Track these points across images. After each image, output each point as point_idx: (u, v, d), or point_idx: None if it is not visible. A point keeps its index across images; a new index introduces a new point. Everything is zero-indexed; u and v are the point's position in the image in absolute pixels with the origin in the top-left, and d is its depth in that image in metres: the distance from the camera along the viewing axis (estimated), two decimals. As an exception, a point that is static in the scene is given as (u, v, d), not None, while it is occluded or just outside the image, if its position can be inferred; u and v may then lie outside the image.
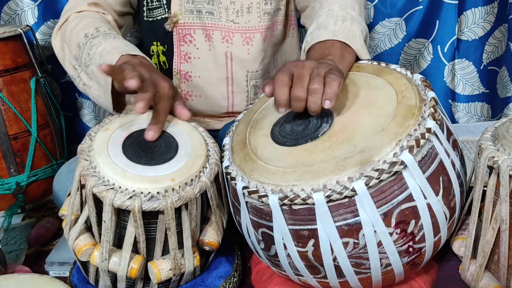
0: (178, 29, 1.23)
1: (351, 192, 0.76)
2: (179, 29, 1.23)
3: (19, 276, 0.94)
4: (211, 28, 1.22)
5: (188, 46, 1.24)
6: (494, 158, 0.81)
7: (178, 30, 1.23)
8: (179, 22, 1.22)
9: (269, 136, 0.89)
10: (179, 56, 1.25)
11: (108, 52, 1.02)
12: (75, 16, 1.19)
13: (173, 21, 1.22)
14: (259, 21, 1.23)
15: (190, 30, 1.23)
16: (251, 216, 0.86)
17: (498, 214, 0.82)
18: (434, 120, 0.80)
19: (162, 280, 0.90)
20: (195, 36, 1.23)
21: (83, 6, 1.20)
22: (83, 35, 1.09)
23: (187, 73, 1.26)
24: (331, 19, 1.03)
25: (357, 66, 0.98)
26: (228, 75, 1.25)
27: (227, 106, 1.29)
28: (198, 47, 1.24)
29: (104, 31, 1.09)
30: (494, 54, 1.65)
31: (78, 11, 1.20)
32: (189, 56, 1.25)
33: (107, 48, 1.03)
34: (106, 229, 0.86)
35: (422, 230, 0.81)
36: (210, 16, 1.22)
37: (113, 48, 1.03)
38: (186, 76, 1.26)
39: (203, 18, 1.22)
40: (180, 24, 1.23)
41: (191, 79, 1.27)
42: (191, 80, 1.27)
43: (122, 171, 0.86)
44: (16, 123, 1.43)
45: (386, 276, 0.85)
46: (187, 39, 1.23)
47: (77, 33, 1.11)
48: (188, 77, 1.26)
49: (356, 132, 0.82)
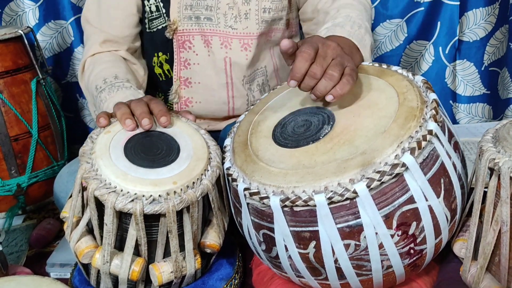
0: (178, 36, 1.24)
1: (352, 194, 0.76)
2: (178, 36, 1.24)
3: (20, 278, 0.94)
4: (209, 34, 1.23)
5: (188, 53, 1.25)
6: (495, 160, 0.81)
7: (177, 37, 1.24)
8: (178, 29, 1.23)
9: (270, 137, 0.89)
10: (179, 62, 1.26)
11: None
12: (89, 62, 1.22)
13: (172, 28, 1.23)
14: (257, 28, 1.23)
15: (189, 36, 1.24)
16: (252, 217, 0.86)
17: (499, 215, 0.82)
18: (435, 122, 0.80)
19: (163, 282, 0.89)
20: (194, 43, 1.24)
21: (96, 48, 1.23)
22: (94, 87, 1.14)
23: (187, 79, 1.27)
24: (349, 22, 1.06)
25: (359, 68, 0.98)
26: (227, 80, 1.26)
27: (228, 110, 1.29)
28: (197, 53, 1.25)
29: (110, 82, 1.12)
30: (495, 55, 1.65)
31: (92, 54, 1.23)
32: (189, 62, 1.26)
33: (109, 107, 1.06)
34: (108, 232, 0.86)
35: (423, 232, 0.81)
36: (208, 22, 1.22)
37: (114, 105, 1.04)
38: (186, 83, 1.27)
39: (202, 24, 1.23)
40: (179, 31, 1.23)
41: (191, 85, 1.27)
42: (191, 86, 1.27)
43: (124, 174, 0.86)
44: (17, 124, 1.43)
45: (387, 278, 0.85)
46: (186, 45, 1.24)
47: (91, 83, 1.16)
48: (188, 83, 1.27)
49: (357, 134, 0.82)
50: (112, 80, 1.13)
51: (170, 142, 0.93)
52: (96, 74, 1.17)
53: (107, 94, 1.10)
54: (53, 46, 1.71)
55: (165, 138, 0.94)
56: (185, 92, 1.28)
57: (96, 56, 1.23)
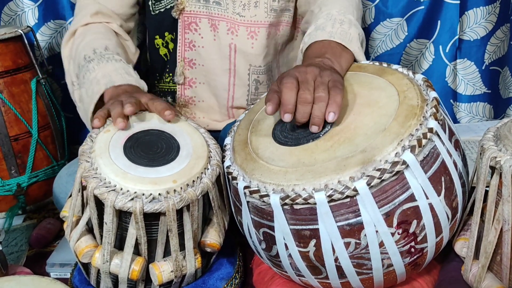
0: (184, 17, 1.25)
1: (352, 191, 0.75)
2: (184, 17, 1.25)
3: (20, 278, 0.94)
4: (217, 18, 1.24)
5: (193, 34, 1.26)
6: (496, 158, 0.81)
7: (184, 18, 1.25)
8: (186, 10, 1.24)
9: (270, 136, 0.89)
10: (183, 43, 1.27)
11: (97, 82, 1.07)
12: (81, 30, 1.22)
13: (179, 8, 1.24)
14: (265, 16, 1.24)
15: (195, 18, 1.25)
16: (252, 216, 0.86)
17: (501, 214, 0.82)
18: (436, 120, 0.80)
19: (163, 282, 0.89)
20: (201, 25, 1.25)
21: (88, 18, 1.23)
22: (83, 56, 1.14)
23: (191, 60, 1.28)
24: (329, 21, 1.06)
25: (359, 66, 0.98)
26: (230, 66, 1.27)
27: (227, 98, 1.29)
28: (203, 36, 1.26)
29: (100, 53, 1.12)
30: (496, 54, 1.65)
31: (84, 24, 1.23)
32: (194, 44, 1.27)
33: (97, 77, 1.07)
34: (108, 231, 0.86)
35: (424, 231, 0.80)
36: (217, 6, 1.23)
37: (102, 77, 1.07)
38: (191, 64, 1.28)
39: (210, 7, 1.23)
40: (186, 11, 1.25)
41: (195, 67, 1.29)
42: (195, 68, 1.29)
43: (124, 173, 0.86)
44: (17, 124, 1.42)
45: (388, 277, 0.84)
46: (192, 27, 1.25)
47: (80, 52, 1.16)
48: (192, 64, 1.29)
49: (357, 132, 0.82)
50: (102, 51, 1.13)
51: (169, 140, 0.93)
52: (86, 43, 1.16)
53: (95, 65, 1.10)
54: (52, 46, 1.70)
55: (164, 137, 0.94)
56: (188, 73, 1.29)
57: (89, 26, 1.22)
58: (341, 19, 1.06)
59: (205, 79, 1.29)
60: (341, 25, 1.04)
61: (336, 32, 1.02)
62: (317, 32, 1.04)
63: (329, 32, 1.03)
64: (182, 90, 1.30)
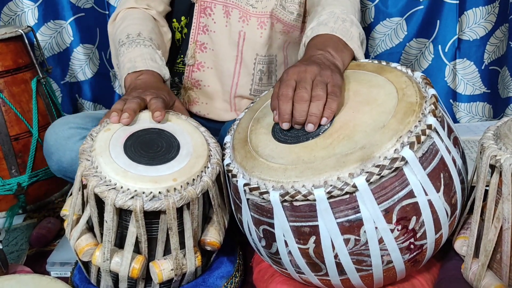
0: (201, 2, 1.28)
1: (352, 188, 0.76)
2: (201, 2, 1.28)
3: (20, 277, 0.94)
4: (231, 6, 1.27)
5: (207, 19, 1.29)
6: (496, 157, 0.81)
7: (200, 2, 1.29)
8: None
9: (270, 134, 0.89)
10: (197, 27, 1.30)
11: (123, 66, 1.14)
12: (122, 14, 1.28)
13: None
14: (274, 7, 1.26)
15: (211, 4, 1.28)
16: (252, 213, 0.86)
17: (501, 213, 0.82)
18: (434, 116, 0.80)
19: (163, 280, 0.89)
20: (215, 11, 1.28)
21: (132, 3, 1.29)
22: (118, 40, 1.21)
23: (203, 44, 1.31)
24: (332, 18, 1.08)
25: (358, 64, 0.99)
26: (238, 53, 1.29)
27: (232, 85, 1.31)
28: (215, 21, 1.29)
29: (132, 38, 1.19)
30: (495, 54, 1.65)
31: (127, 8, 1.29)
32: (207, 28, 1.30)
33: (124, 61, 1.14)
34: (108, 229, 0.86)
35: (423, 227, 0.81)
36: None
37: (128, 61, 1.13)
38: (202, 47, 1.31)
39: None
40: None
41: (205, 51, 1.31)
42: (205, 52, 1.31)
43: (124, 171, 0.86)
44: (17, 124, 1.43)
45: (388, 274, 0.84)
46: (207, 12, 1.28)
47: (117, 36, 1.23)
48: (203, 48, 1.31)
49: (356, 129, 0.82)
50: (134, 37, 1.19)
51: (170, 139, 0.94)
52: (123, 28, 1.23)
53: (125, 49, 1.17)
54: (52, 46, 1.71)
55: (165, 136, 0.94)
56: (199, 56, 1.32)
57: (130, 10, 1.28)
58: (344, 18, 1.08)
59: (213, 64, 1.31)
60: (343, 23, 1.07)
61: (338, 28, 1.04)
62: (319, 27, 1.06)
63: (331, 27, 1.04)
64: (190, 72, 1.32)
